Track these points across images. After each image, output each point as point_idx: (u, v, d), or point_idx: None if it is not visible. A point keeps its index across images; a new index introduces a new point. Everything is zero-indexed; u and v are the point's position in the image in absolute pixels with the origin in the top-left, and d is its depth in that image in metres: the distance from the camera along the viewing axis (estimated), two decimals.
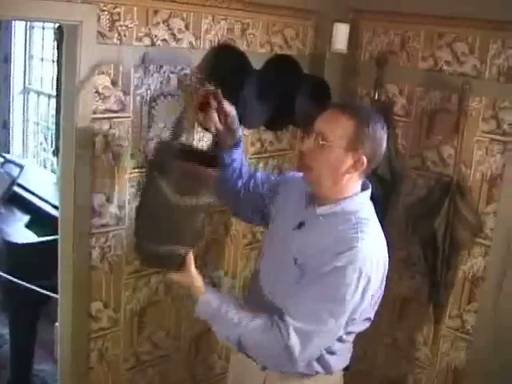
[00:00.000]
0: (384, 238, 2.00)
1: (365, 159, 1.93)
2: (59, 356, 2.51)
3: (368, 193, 2.04)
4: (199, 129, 2.55)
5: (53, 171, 4.86)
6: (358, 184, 2.02)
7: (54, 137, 4.82)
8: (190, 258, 2.00)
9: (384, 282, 2.00)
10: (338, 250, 1.87)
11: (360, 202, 2.01)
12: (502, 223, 2.62)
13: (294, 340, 1.87)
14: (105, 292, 2.51)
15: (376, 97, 2.95)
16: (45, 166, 5.12)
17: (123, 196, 2.48)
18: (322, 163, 1.94)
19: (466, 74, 2.67)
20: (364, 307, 1.94)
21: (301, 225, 2.05)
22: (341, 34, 2.98)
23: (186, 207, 1.88)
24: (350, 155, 1.93)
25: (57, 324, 2.51)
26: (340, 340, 2.00)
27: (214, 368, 3.07)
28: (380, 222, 2.73)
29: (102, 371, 2.59)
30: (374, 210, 2.05)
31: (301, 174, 2.11)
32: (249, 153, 2.90)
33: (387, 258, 1.98)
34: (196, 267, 2.02)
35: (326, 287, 1.88)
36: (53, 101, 4.78)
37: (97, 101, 2.30)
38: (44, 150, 5.21)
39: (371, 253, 1.91)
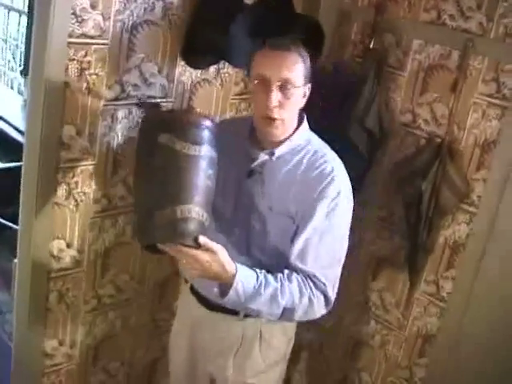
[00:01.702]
0: None
1: (310, 86, 1.95)
2: (16, 295, 2.37)
3: (306, 120, 2.03)
4: None
5: (20, 92, 4.62)
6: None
7: (23, 56, 4.59)
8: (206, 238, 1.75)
9: None
10: (320, 185, 1.90)
11: (306, 131, 2.02)
12: (490, 191, 2.51)
13: (328, 285, 1.91)
14: (69, 231, 2.36)
15: (371, 45, 2.78)
16: (11, 87, 4.86)
17: (95, 129, 2.30)
18: (292, 110, 1.90)
19: (471, 30, 2.50)
20: None
21: (251, 172, 1.96)
22: None
23: (191, 156, 1.76)
24: (304, 89, 1.92)
25: (15, 260, 2.36)
26: None
27: None
28: (363, 177, 2.65)
29: (61, 312, 2.46)
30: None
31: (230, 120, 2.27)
32: (232, 93, 2.73)
33: None
34: None
35: (332, 226, 1.91)
36: (24, 18, 4.52)
37: (73, 24, 2.09)
38: (12, 69, 4.95)
39: (344, 174, 1.98)
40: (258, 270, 1.85)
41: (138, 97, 2.37)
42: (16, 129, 3.80)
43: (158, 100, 2.44)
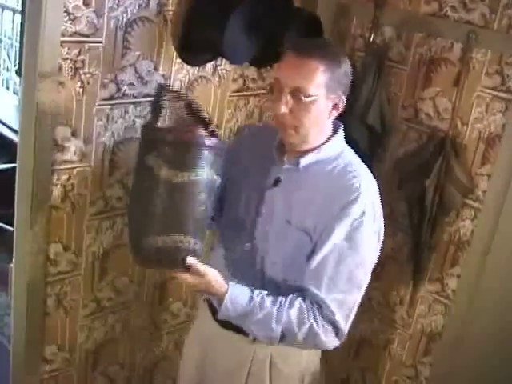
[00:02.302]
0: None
1: (344, 98, 1.81)
2: (13, 301, 2.32)
3: (341, 131, 1.90)
4: None
5: (15, 92, 4.56)
6: (331, 124, 1.87)
7: (18, 55, 4.53)
8: (194, 260, 1.72)
9: None
10: (344, 201, 1.75)
11: (340, 143, 1.89)
12: (495, 186, 2.46)
13: (338, 314, 1.75)
14: (65, 233, 2.30)
15: (371, 39, 2.72)
16: (7, 87, 4.80)
17: (90, 130, 2.24)
18: (308, 119, 1.76)
19: (473, 22, 2.44)
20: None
21: (277, 182, 1.87)
22: None
23: (178, 184, 1.66)
24: (331, 99, 1.77)
25: (11, 265, 2.31)
26: None
27: (179, 316, 2.91)
28: None
29: (59, 317, 2.41)
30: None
31: (261, 125, 2.04)
32: (230, 90, 2.68)
33: None
34: None
35: (352, 248, 1.75)
36: (18, 16, 4.46)
37: (66, 22, 2.03)
38: (7, 69, 4.89)
39: (373, 193, 1.84)
40: (256, 292, 1.78)
41: (134, 95, 2.32)
42: (11, 129, 3.75)
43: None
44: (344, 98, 1.80)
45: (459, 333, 2.64)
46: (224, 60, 2.52)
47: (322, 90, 1.73)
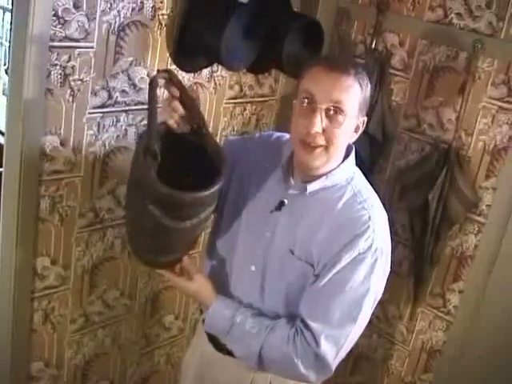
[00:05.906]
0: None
1: (365, 120, 1.70)
2: None
3: (353, 155, 1.75)
4: None
5: (5, 94, 4.44)
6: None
7: (7, 54, 4.42)
8: (191, 262, 1.74)
9: None
10: (350, 234, 1.62)
11: (350, 168, 1.74)
12: (500, 201, 2.38)
13: (325, 347, 1.62)
14: (53, 247, 2.21)
15: (372, 46, 2.64)
16: None
17: (80, 139, 2.15)
18: (338, 140, 1.62)
19: (479, 30, 2.36)
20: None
21: (281, 205, 1.73)
22: None
23: (180, 229, 1.58)
24: (357, 121, 1.66)
25: None
26: None
27: (171, 329, 2.82)
28: None
29: (46, 333, 2.32)
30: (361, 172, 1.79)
31: (280, 137, 1.88)
32: (226, 97, 2.59)
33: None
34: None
35: (350, 281, 1.61)
36: (8, 14, 4.35)
37: (55, 26, 1.93)
38: None
39: (383, 227, 1.69)
40: (241, 310, 1.72)
41: (126, 103, 2.22)
42: (1, 132, 3.64)
43: None
44: (365, 120, 1.69)
45: (460, 350, 2.56)
46: (220, 66, 2.43)
47: (356, 109, 1.62)
